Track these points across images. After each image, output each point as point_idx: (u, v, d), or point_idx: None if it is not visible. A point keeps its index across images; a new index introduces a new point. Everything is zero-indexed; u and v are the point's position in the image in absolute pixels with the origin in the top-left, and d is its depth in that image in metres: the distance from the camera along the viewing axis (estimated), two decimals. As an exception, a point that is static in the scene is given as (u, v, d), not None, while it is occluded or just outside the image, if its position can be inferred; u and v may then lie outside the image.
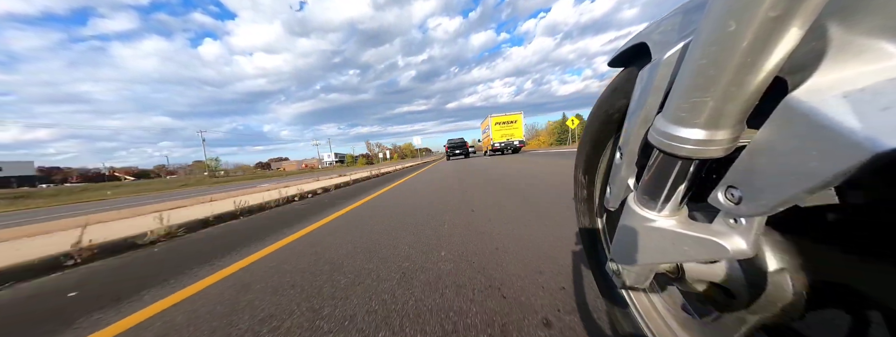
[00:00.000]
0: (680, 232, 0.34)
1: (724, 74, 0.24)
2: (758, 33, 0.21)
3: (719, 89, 0.24)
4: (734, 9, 0.21)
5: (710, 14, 0.23)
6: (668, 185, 0.34)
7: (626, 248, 0.42)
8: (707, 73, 0.25)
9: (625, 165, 0.44)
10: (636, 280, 0.45)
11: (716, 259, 0.36)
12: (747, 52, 0.22)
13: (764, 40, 0.21)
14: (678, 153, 0.29)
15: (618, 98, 0.55)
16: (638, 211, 0.38)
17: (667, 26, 0.40)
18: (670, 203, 0.36)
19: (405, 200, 3.63)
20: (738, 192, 0.27)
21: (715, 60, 0.24)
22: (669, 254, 0.36)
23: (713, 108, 0.25)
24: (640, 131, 0.40)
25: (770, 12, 0.20)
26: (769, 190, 0.25)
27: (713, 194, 0.30)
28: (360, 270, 1.47)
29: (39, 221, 4.87)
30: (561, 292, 1.05)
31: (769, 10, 0.20)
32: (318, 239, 2.17)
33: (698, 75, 0.25)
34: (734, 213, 0.29)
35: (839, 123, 0.20)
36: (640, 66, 0.45)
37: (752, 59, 0.22)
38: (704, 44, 0.24)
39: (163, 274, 1.74)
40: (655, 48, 0.40)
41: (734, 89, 0.24)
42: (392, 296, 1.15)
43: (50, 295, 1.63)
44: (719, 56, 0.23)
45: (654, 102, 0.37)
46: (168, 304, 1.32)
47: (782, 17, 0.20)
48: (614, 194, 0.47)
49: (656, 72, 0.36)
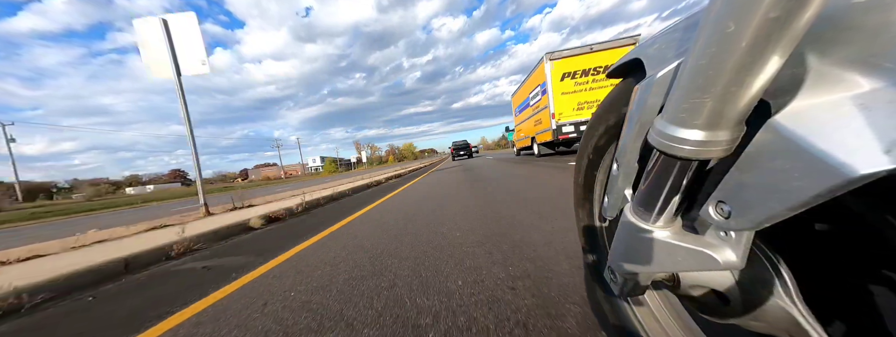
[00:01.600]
0: (673, 243, 0.36)
1: (724, 75, 0.24)
2: (757, 34, 0.21)
3: (719, 90, 0.25)
4: (734, 10, 0.21)
5: (709, 15, 0.24)
6: (663, 194, 0.35)
7: (623, 256, 0.43)
8: (707, 73, 0.25)
9: (621, 176, 0.46)
10: (633, 288, 0.46)
11: (708, 269, 0.37)
12: (747, 52, 0.22)
13: (763, 41, 0.21)
14: (678, 154, 0.30)
15: (616, 109, 0.56)
16: (634, 221, 0.40)
17: (662, 44, 0.42)
18: (665, 214, 0.37)
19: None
20: (728, 207, 0.28)
21: (714, 61, 0.24)
22: (664, 263, 0.37)
23: (713, 109, 0.26)
24: (635, 144, 0.42)
25: (770, 13, 0.20)
26: (756, 206, 0.26)
27: (704, 208, 0.31)
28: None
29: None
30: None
31: (769, 11, 0.20)
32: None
33: (698, 76, 0.26)
34: (724, 227, 0.30)
35: (817, 147, 0.21)
36: (636, 79, 0.47)
37: (751, 60, 0.22)
38: (704, 45, 0.24)
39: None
40: (650, 65, 0.42)
41: (734, 90, 0.24)
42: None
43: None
44: (719, 57, 0.24)
45: (648, 117, 0.39)
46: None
47: (782, 17, 0.20)
48: (611, 204, 0.48)
49: (650, 90, 0.37)
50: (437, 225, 2.46)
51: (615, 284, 0.48)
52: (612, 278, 0.48)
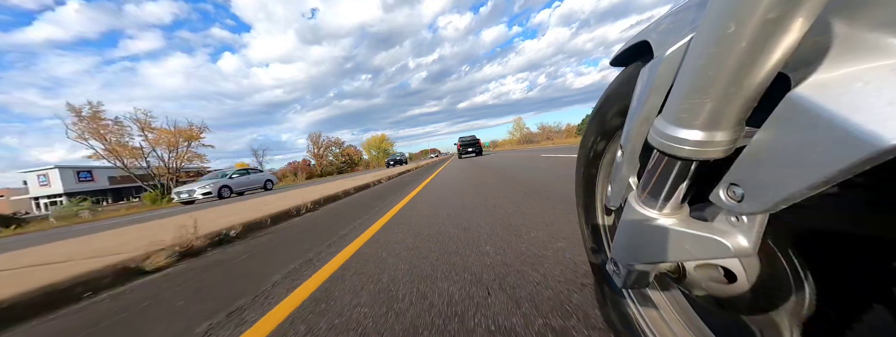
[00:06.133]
0: (681, 230, 0.34)
1: (724, 76, 0.23)
2: (757, 35, 0.21)
3: (719, 90, 0.24)
4: (733, 10, 0.21)
5: (709, 15, 0.23)
6: (668, 183, 0.34)
7: (627, 247, 0.42)
8: (706, 74, 0.25)
9: (626, 164, 0.44)
10: (637, 280, 0.44)
11: (718, 258, 0.36)
12: (746, 53, 0.22)
13: (763, 42, 0.21)
14: (677, 154, 0.29)
15: (620, 96, 0.55)
16: (639, 210, 0.38)
17: (669, 23, 0.40)
18: (671, 201, 0.35)
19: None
20: (740, 189, 0.27)
21: (714, 62, 0.24)
22: (670, 253, 0.36)
23: (712, 110, 0.25)
24: (641, 129, 0.40)
25: (769, 14, 0.20)
26: (772, 187, 0.24)
27: (715, 192, 0.29)
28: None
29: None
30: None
31: (768, 11, 0.20)
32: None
33: (698, 77, 0.25)
34: (736, 210, 0.28)
35: (843, 119, 0.20)
36: (642, 64, 0.45)
37: (751, 61, 0.22)
38: (704, 45, 0.24)
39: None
40: (657, 46, 0.40)
41: (734, 90, 0.24)
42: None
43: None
44: (718, 57, 0.23)
45: (655, 101, 0.37)
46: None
47: (781, 18, 0.20)
48: (615, 193, 0.47)
49: (658, 69, 0.35)
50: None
51: (618, 276, 0.46)
52: (615, 270, 0.46)
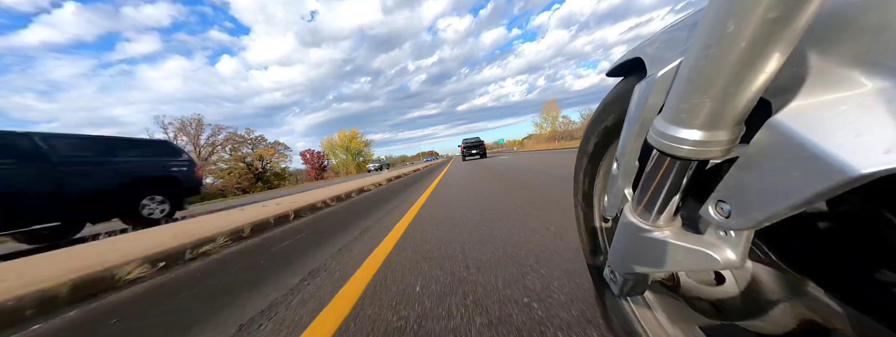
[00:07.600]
0: (673, 242, 0.35)
1: (723, 75, 0.24)
2: (756, 35, 0.21)
3: (718, 90, 0.25)
4: (733, 10, 0.21)
5: (708, 15, 0.23)
6: (663, 193, 0.35)
7: (623, 256, 0.43)
8: (706, 74, 0.25)
9: (621, 175, 0.45)
10: (633, 287, 0.46)
11: (708, 269, 0.37)
12: (746, 53, 0.22)
13: (763, 42, 0.21)
14: (677, 154, 0.30)
15: (616, 107, 0.56)
16: (633, 220, 0.40)
17: (662, 42, 0.41)
18: (664, 213, 0.37)
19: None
20: (728, 206, 0.28)
21: (713, 62, 0.24)
22: (663, 263, 0.37)
23: (712, 109, 0.26)
24: (636, 143, 0.41)
25: (769, 14, 0.20)
26: (756, 206, 0.26)
27: (704, 208, 0.31)
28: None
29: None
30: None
31: (768, 11, 0.20)
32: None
33: (697, 76, 0.26)
34: (724, 226, 0.30)
35: (818, 147, 0.21)
36: (637, 78, 0.47)
37: (750, 61, 0.22)
38: (703, 45, 0.24)
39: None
40: (650, 64, 0.42)
41: (733, 90, 0.24)
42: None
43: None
44: (718, 57, 0.23)
45: (648, 116, 0.38)
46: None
47: (781, 18, 0.20)
48: (611, 203, 0.48)
49: (650, 89, 0.37)
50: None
51: (615, 283, 0.47)
52: (612, 278, 0.48)
